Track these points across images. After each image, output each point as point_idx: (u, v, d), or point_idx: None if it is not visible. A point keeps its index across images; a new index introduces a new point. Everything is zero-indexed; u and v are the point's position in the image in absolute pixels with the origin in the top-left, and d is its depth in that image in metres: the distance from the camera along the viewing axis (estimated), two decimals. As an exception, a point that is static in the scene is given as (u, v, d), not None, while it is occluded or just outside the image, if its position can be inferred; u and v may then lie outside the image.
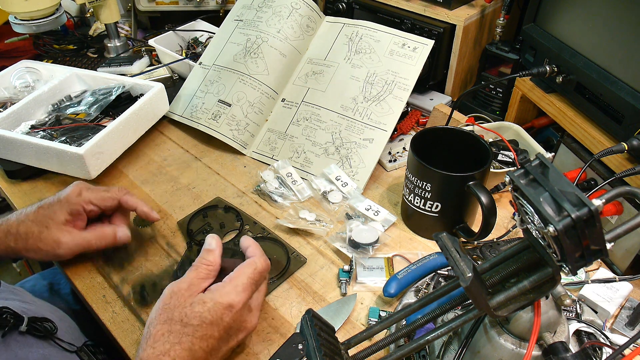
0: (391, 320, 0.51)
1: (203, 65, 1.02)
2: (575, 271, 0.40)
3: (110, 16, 1.17)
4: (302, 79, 0.96)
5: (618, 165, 0.70)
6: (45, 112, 0.96)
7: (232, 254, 0.66)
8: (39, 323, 0.59)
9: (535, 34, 0.83)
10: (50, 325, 0.59)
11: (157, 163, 0.92)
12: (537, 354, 0.46)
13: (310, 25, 1.00)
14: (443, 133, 0.76)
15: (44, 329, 0.59)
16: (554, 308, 0.46)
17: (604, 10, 0.71)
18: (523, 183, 0.41)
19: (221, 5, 1.26)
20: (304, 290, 0.69)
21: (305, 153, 0.89)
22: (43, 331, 0.58)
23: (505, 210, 0.80)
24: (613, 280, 0.65)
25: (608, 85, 0.70)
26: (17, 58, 1.10)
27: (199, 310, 0.52)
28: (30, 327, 0.57)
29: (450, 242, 0.45)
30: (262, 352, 0.61)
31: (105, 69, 1.14)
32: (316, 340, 0.48)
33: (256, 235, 0.76)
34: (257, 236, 0.76)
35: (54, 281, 0.87)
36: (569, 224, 0.37)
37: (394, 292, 0.64)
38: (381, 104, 0.87)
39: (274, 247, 0.74)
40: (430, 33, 0.94)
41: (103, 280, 0.70)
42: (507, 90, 0.95)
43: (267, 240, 0.75)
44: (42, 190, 0.86)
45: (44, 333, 0.59)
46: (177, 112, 1.00)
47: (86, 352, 0.64)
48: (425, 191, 0.70)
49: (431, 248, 0.75)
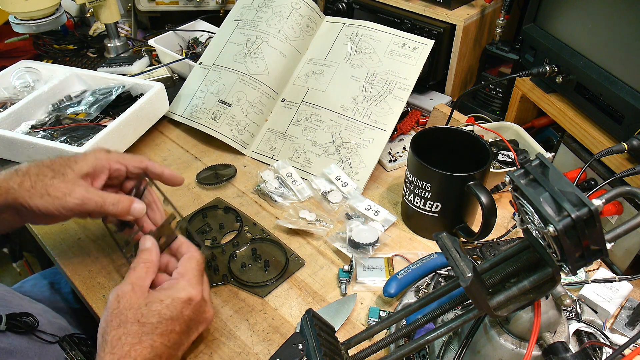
0: (391, 320, 0.51)
1: (203, 65, 1.02)
2: (575, 271, 0.40)
3: (110, 16, 1.17)
4: (302, 79, 0.96)
5: (618, 165, 0.70)
6: (45, 112, 0.96)
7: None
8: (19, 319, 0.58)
9: (535, 34, 0.83)
10: (30, 320, 0.59)
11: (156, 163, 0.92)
12: (537, 354, 0.46)
13: (310, 25, 1.00)
14: (443, 133, 0.76)
15: (24, 324, 0.58)
16: (554, 308, 0.46)
17: (604, 10, 0.71)
18: (523, 183, 0.41)
19: (221, 5, 1.26)
20: (304, 290, 0.69)
21: (305, 153, 0.89)
22: (23, 327, 0.58)
23: (505, 210, 0.80)
24: (613, 280, 0.65)
25: (608, 85, 0.70)
26: (17, 58, 1.10)
27: (157, 308, 0.52)
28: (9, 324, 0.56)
29: (450, 242, 0.45)
30: (262, 352, 0.61)
31: (105, 69, 1.14)
32: (316, 340, 0.48)
33: (255, 236, 0.76)
34: (256, 237, 0.76)
35: (54, 280, 0.87)
36: (569, 224, 0.37)
37: (394, 292, 0.64)
38: (381, 104, 0.87)
39: (273, 248, 0.74)
40: (430, 33, 0.94)
41: (103, 280, 0.70)
42: (507, 90, 0.95)
43: (266, 241, 0.75)
44: (42, 190, 0.86)
45: (25, 328, 0.58)
46: (177, 112, 1.00)
47: (68, 342, 0.63)
48: (425, 191, 0.70)
49: (431, 248, 0.75)
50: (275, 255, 0.73)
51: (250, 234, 0.77)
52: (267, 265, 0.71)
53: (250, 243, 0.75)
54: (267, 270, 0.71)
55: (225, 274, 0.70)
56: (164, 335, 0.52)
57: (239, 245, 0.75)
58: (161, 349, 0.52)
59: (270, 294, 0.68)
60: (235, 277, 0.70)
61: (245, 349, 0.62)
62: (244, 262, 0.72)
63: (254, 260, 0.72)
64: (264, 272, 0.71)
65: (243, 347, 0.62)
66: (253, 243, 0.75)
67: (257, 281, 0.69)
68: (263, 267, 0.71)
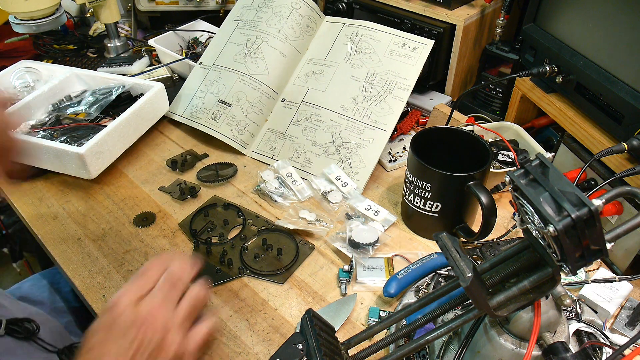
0: (391, 320, 0.51)
1: (203, 65, 1.02)
2: (575, 271, 0.40)
3: (110, 16, 1.17)
4: (302, 79, 0.96)
5: (618, 165, 0.70)
6: (45, 112, 0.96)
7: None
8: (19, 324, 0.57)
9: (535, 34, 0.83)
10: (32, 326, 0.58)
11: (157, 163, 0.92)
12: (537, 354, 0.46)
13: (310, 25, 1.00)
14: (443, 133, 0.76)
15: (24, 329, 0.57)
16: (554, 308, 0.46)
17: (604, 10, 0.71)
18: (523, 183, 0.41)
19: (221, 5, 1.26)
20: (304, 290, 0.69)
21: (305, 153, 0.89)
22: (23, 332, 0.57)
23: (505, 210, 0.80)
24: (613, 280, 0.65)
25: (608, 85, 0.70)
26: (17, 58, 1.10)
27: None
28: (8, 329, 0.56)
29: (450, 242, 0.45)
30: (262, 352, 0.61)
31: (105, 69, 1.14)
32: (316, 340, 0.48)
33: (261, 227, 0.77)
34: (262, 229, 0.77)
35: (54, 281, 0.87)
36: (569, 224, 0.37)
37: (394, 292, 0.64)
38: (381, 104, 0.87)
39: (281, 236, 0.76)
40: (430, 33, 0.94)
41: (103, 280, 0.70)
42: (507, 90, 0.95)
43: (273, 231, 0.77)
44: (42, 190, 0.86)
45: (25, 334, 0.57)
46: (177, 112, 1.00)
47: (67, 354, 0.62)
48: (425, 191, 0.70)
49: (431, 248, 0.75)
50: (286, 243, 0.75)
51: (255, 226, 0.78)
52: (279, 253, 0.73)
53: (258, 234, 0.76)
54: (280, 258, 0.72)
55: (241, 267, 0.71)
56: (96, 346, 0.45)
57: (246, 238, 0.76)
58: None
59: (270, 294, 0.68)
60: (251, 268, 0.71)
61: (245, 349, 0.62)
62: (256, 253, 0.73)
63: (266, 250, 0.74)
64: (277, 260, 0.72)
65: (243, 347, 0.62)
66: (261, 234, 0.76)
67: (272, 269, 0.71)
68: (277, 256, 0.73)
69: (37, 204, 0.83)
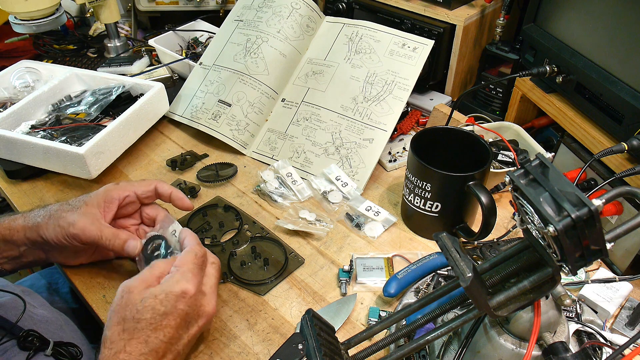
0: (391, 320, 0.51)
1: (203, 65, 1.02)
2: (575, 271, 0.40)
3: (110, 16, 1.17)
4: (302, 79, 0.96)
5: (618, 165, 0.70)
6: (45, 112, 0.96)
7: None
8: (65, 348, 0.58)
9: (535, 34, 0.83)
10: (75, 351, 0.59)
11: (157, 163, 0.92)
12: (537, 354, 0.46)
13: (310, 25, 1.00)
14: (443, 133, 0.76)
15: (69, 354, 0.58)
16: (554, 308, 0.46)
17: (604, 10, 0.71)
18: (523, 183, 0.41)
19: (221, 5, 1.26)
20: (304, 290, 0.69)
21: (305, 153, 0.89)
22: (68, 356, 0.58)
23: (505, 210, 0.80)
24: (613, 280, 0.65)
25: (608, 85, 0.70)
26: (17, 58, 1.10)
27: (151, 303, 0.53)
28: (55, 351, 0.57)
29: (450, 242, 0.45)
30: (262, 352, 0.61)
31: (105, 69, 1.14)
32: (316, 340, 0.48)
33: (255, 235, 0.76)
34: (255, 236, 0.76)
35: (52, 280, 0.87)
36: (569, 224, 0.37)
37: (394, 292, 0.64)
38: (381, 104, 0.87)
39: (272, 247, 0.75)
40: (430, 33, 0.94)
41: (103, 280, 0.70)
42: (507, 90, 0.95)
43: (265, 240, 0.75)
44: (42, 190, 0.86)
45: (69, 358, 0.58)
46: (177, 112, 1.00)
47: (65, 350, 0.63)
48: (425, 191, 0.70)
49: (431, 248, 0.75)
50: (275, 254, 0.73)
51: (250, 232, 0.77)
52: (266, 264, 0.71)
53: (249, 241, 0.75)
54: (267, 269, 0.71)
55: (225, 272, 0.70)
56: (159, 330, 0.52)
57: (238, 243, 0.75)
58: (156, 343, 0.52)
59: (270, 294, 0.68)
60: (235, 275, 0.70)
61: (245, 349, 0.62)
62: (243, 260, 0.72)
63: (254, 259, 0.72)
64: (263, 271, 0.71)
65: (243, 347, 0.62)
66: (252, 241, 0.75)
67: (257, 279, 0.69)
68: (262, 266, 0.71)
69: (37, 204, 0.83)
